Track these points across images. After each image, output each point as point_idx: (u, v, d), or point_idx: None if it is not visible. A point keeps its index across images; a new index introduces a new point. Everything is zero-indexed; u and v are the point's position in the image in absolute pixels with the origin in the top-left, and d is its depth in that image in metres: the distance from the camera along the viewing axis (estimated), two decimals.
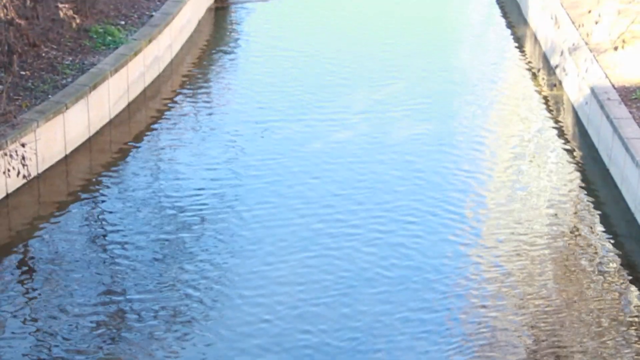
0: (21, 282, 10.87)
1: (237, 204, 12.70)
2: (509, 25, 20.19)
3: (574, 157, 14.45)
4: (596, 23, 15.88)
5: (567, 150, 14.69)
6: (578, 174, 13.99)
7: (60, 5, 12.08)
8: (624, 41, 15.31)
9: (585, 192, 13.49)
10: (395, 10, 20.78)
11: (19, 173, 12.14)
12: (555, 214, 12.76)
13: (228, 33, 19.81)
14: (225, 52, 18.51)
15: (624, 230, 12.47)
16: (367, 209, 12.66)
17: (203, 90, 16.61)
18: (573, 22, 17.04)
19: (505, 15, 20.81)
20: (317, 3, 21.24)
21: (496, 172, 13.90)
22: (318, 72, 17.33)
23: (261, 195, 12.94)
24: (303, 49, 18.37)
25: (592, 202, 13.21)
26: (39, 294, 10.62)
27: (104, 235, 11.91)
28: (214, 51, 18.52)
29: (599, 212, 12.92)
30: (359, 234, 12.03)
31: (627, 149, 12.92)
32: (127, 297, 10.57)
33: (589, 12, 16.54)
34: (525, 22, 19.73)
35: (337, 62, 17.76)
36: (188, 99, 16.13)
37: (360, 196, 13.01)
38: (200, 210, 12.51)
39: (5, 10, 10.89)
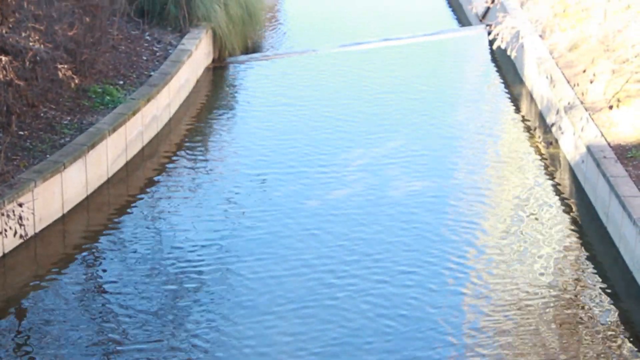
0: (17, 343, 10.79)
1: (235, 259, 12.71)
2: (505, 84, 20.32)
3: (571, 215, 14.45)
4: (591, 82, 16.01)
5: (564, 207, 14.70)
6: (575, 231, 13.98)
7: (60, 66, 12.16)
8: (619, 100, 15.40)
9: (583, 250, 13.47)
10: (392, 68, 20.92)
11: (15, 233, 12.12)
12: (553, 271, 12.73)
13: (226, 92, 19.93)
14: (224, 111, 18.61)
15: (622, 289, 12.42)
16: (364, 262, 12.69)
17: (201, 148, 16.66)
18: (568, 82, 17.16)
19: (501, 74, 20.96)
20: (315, 62, 21.39)
21: (493, 229, 13.89)
22: (316, 129, 17.40)
23: (260, 249, 12.96)
24: (301, 107, 18.47)
25: (589, 260, 13.18)
26: (36, 355, 10.53)
27: (102, 295, 11.86)
28: (212, 110, 18.62)
29: (597, 271, 12.88)
30: (357, 285, 12.08)
31: (624, 207, 12.93)
32: (126, 357, 10.49)
33: (584, 71, 16.68)
34: (521, 81, 19.87)
35: (335, 119, 17.85)
36: (186, 157, 16.17)
37: (358, 249, 13.03)
38: (199, 266, 12.50)
39: (4, 72, 10.96)
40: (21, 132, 13.98)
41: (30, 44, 11.39)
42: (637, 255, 12.34)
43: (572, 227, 14.09)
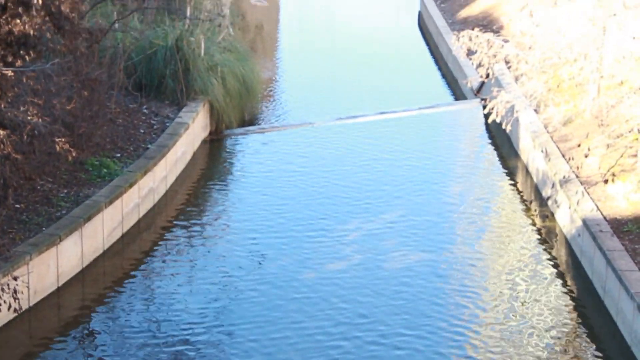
0: None
1: (230, 336, 12.62)
2: (500, 157, 20.40)
3: (567, 289, 14.40)
4: (586, 156, 16.11)
5: (560, 281, 14.65)
6: (572, 305, 13.92)
7: (57, 140, 12.20)
8: (614, 174, 15.48)
9: (581, 324, 13.39)
10: (388, 141, 21.00)
11: (10, 307, 12.03)
12: (550, 345, 12.63)
13: (223, 164, 20.00)
14: (220, 183, 18.65)
15: None
16: (362, 336, 12.64)
17: (197, 221, 16.64)
18: (563, 155, 17.25)
19: (496, 147, 21.05)
20: (312, 135, 21.48)
21: (489, 303, 13.82)
22: (312, 201, 17.43)
23: (255, 325, 12.87)
24: (298, 179, 18.52)
25: (587, 335, 13.10)
26: None
27: None
28: (208, 183, 18.66)
29: (595, 345, 12.79)
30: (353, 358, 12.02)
31: (621, 282, 12.90)
32: None
33: (579, 145, 16.80)
34: (516, 154, 19.95)
35: (331, 191, 17.89)
36: (182, 230, 16.15)
37: (355, 323, 12.98)
38: (194, 341, 12.40)
39: (2, 146, 11.00)
40: (17, 205, 13.98)
41: (29, 117, 11.44)
42: (635, 329, 12.28)
43: (569, 301, 14.02)
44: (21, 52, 11.30)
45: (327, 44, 30.43)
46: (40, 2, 11.09)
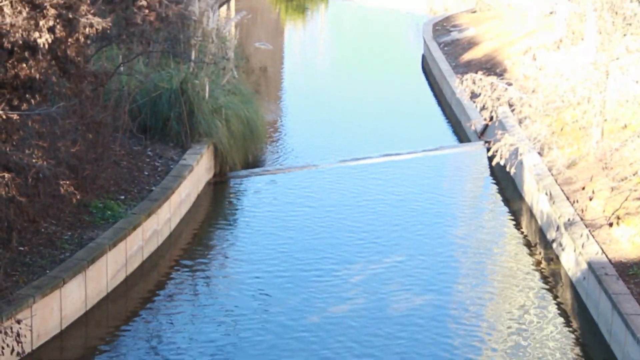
0: None
1: None
2: (505, 200, 20.39)
3: (574, 332, 14.32)
4: (590, 199, 16.09)
5: (566, 324, 14.57)
6: (578, 348, 13.83)
7: (62, 182, 12.21)
8: (618, 218, 15.45)
9: None
10: (392, 184, 21.02)
11: (13, 350, 11.98)
12: None
13: (227, 206, 20.01)
14: (224, 226, 18.65)
15: None
16: None
17: (201, 263, 16.61)
18: (568, 198, 17.24)
19: (500, 190, 21.05)
20: (316, 177, 21.51)
21: (495, 345, 13.74)
22: (316, 244, 17.40)
23: None
24: (302, 222, 18.51)
25: None
26: None
27: None
28: (212, 224, 18.65)
29: None
30: None
31: (627, 325, 12.83)
32: None
33: (583, 188, 16.79)
34: (520, 197, 19.95)
35: (335, 234, 17.87)
36: (186, 273, 16.11)
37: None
38: None
39: (6, 189, 11.01)
40: (21, 248, 13.97)
41: (34, 160, 11.46)
42: None
43: (575, 345, 13.94)
44: (27, 95, 11.37)
45: (331, 86, 30.56)
46: (46, 46, 11.17)
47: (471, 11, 40.69)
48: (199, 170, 19.43)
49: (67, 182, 12.34)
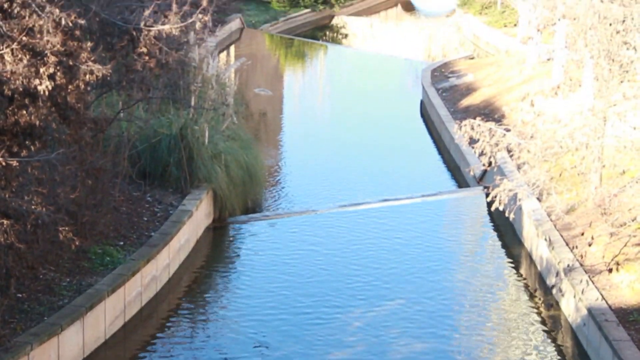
0: None
1: None
2: (504, 245, 20.33)
3: None
4: (590, 245, 16.05)
5: None
6: None
7: (60, 229, 12.17)
8: (618, 264, 15.40)
9: None
10: (391, 229, 20.97)
11: None
12: None
13: (226, 252, 19.93)
14: (223, 271, 18.57)
15: None
16: None
17: (200, 309, 16.52)
18: (567, 244, 17.19)
19: (499, 235, 20.99)
20: (315, 222, 21.47)
21: None
22: (316, 290, 17.33)
23: None
24: (301, 268, 18.43)
25: None
26: None
27: None
28: (211, 270, 18.57)
29: None
30: None
31: None
32: None
33: (582, 234, 16.75)
34: (519, 242, 19.89)
35: (334, 280, 17.80)
36: (185, 319, 16.01)
37: None
38: None
39: (5, 235, 10.98)
40: (19, 295, 13.88)
41: (33, 207, 11.44)
42: None
43: None
44: (27, 142, 11.37)
45: (330, 132, 30.63)
46: (46, 93, 11.19)
47: (469, 57, 40.96)
48: (198, 215, 19.39)
49: (66, 228, 12.31)
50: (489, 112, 27.66)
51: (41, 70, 11.15)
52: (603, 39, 16.94)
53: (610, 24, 16.67)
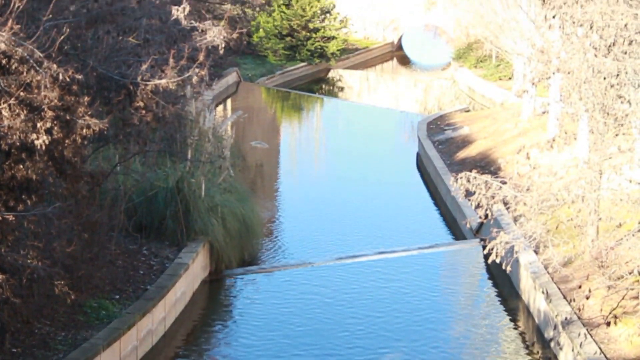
0: None
1: None
2: (501, 298, 20.23)
3: None
4: (587, 298, 15.96)
5: None
6: None
7: (56, 282, 12.11)
8: (615, 317, 15.31)
9: None
10: (387, 281, 20.87)
11: None
12: None
13: (222, 305, 19.81)
14: (219, 325, 18.44)
15: None
16: None
17: None
18: (564, 297, 17.10)
19: (496, 288, 20.90)
20: (312, 275, 21.38)
21: None
22: (312, 345, 17.21)
23: None
24: (298, 322, 18.32)
25: None
26: None
27: None
28: (207, 324, 18.45)
29: None
30: None
31: None
32: None
33: (580, 287, 16.67)
34: (517, 295, 19.80)
35: (332, 333, 17.69)
36: None
37: None
38: None
39: (0, 290, 10.91)
40: (14, 349, 13.74)
41: (28, 261, 11.39)
42: None
43: None
44: (23, 196, 11.34)
45: (326, 184, 30.63)
46: (43, 147, 11.19)
47: (465, 110, 41.17)
48: (194, 268, 19.31)
49: (62, 282, 12.25)
50: (485, 165, 27.70)
51: (38, 124, 11.17)
52: (597, 92, 17.02)
53: (605, 78, 16.75)
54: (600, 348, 14.99)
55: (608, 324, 15.32)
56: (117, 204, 18.18)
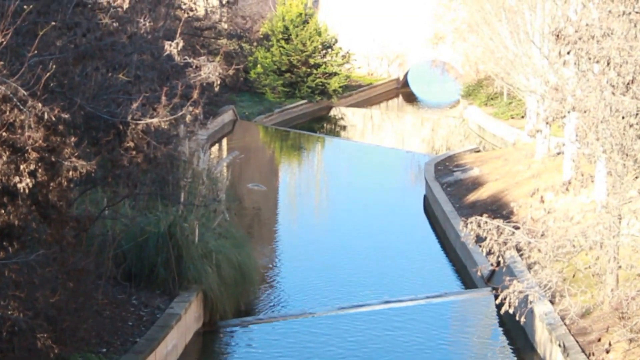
0: None
1: None
2: (515, 351, 20.09)
3: None
4: (607, 352, 15.83)
5: None
6: None
7: (39, 335, 11.98)
8: None
9: None
10: (393, 333, 20.75)
11: None
12: None
13: (217, 359, 19.65)
14: None
15: None
16: None
17: None
18: (583, 350, 16.94)
19: (510, 340, 20.75)
20: (312, 326, 21.25)
21: None
22: None
23: None
24: None
25: None
26: None
27: None
28: None
29: None
30: None
31: None
32: None
33: (599, 340, 16.54)
34: (532, 348, 19.64)
35: None
36: None
37: None
38: None
39: None
40: None
41: (9, 312, 11.28)
42: None
43: None
44: (4, 243, 11.26)
45: (328, 229, 30.59)
46: (26, 191, 11.14)
47: (474, 150, 41.22)
48: (187, 319, 19.18)
49: (45, 335, 12.14)
50: (497, 208, 27.66)
51: (21, 167, 11.12)
52: (616, 132, 17.00)
53: (623, 117, 16.74)
54: None
55: None
56: (105, 251, 18.08)
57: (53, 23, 12.32)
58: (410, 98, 66.87)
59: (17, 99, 11.09)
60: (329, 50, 57.53)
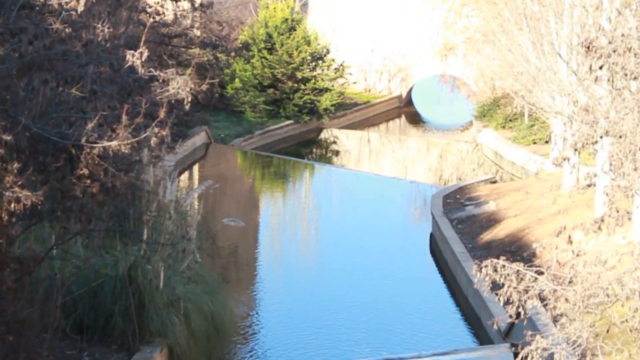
0: None
1: None
2: None
3: None
4: None
5: None
6: None
7: None
8: None
9: None
10: None
11: None
12: None
13: None
14: None
15: None
16: None
17: None
18: None
19: None
20: None
21: None
22: None
23: None
24: None
25: None
26: None
27: None
28: None
29: None
30: None
31: None
32: None
33: None
34: None
35: None
36: None
37: None
38: None
39: None
40: None
41: None
42: None
43: None
44: None
45: (316, 273, 30.60)
46: None
47: (490, 181, 41.33)
48: None
49: None
50: (516, 249, 27.71)
51: None
52: None
53: None
54: None
55: None
56: (52, 298, 18.01)
57: None
58: (415, 119, 67.21)
59: None
60: (320, 62, 57.80)
